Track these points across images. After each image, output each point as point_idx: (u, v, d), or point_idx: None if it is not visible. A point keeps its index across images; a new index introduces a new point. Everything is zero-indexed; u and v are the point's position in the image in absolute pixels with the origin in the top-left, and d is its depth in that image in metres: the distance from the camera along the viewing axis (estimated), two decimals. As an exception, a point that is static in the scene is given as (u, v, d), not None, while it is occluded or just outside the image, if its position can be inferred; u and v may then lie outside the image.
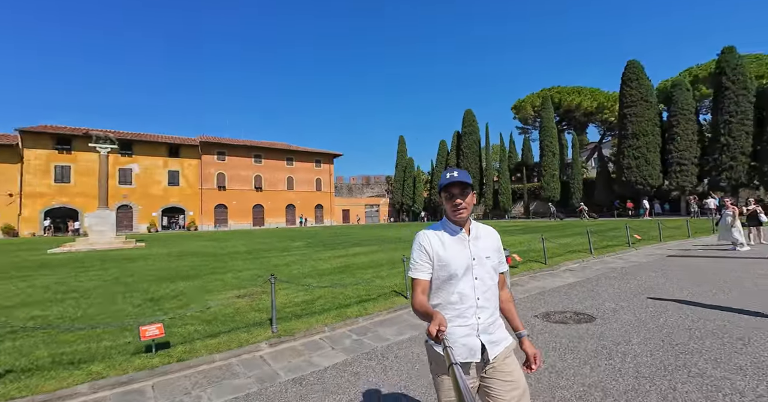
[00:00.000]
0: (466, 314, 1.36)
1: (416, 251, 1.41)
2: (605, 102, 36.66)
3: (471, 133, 40.45)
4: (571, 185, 32.77)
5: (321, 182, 49.58)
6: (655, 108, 27.06)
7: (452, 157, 41.84)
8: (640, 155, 26.37)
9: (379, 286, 6.32)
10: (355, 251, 12.13)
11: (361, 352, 3.78)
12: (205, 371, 3.47)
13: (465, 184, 1.35)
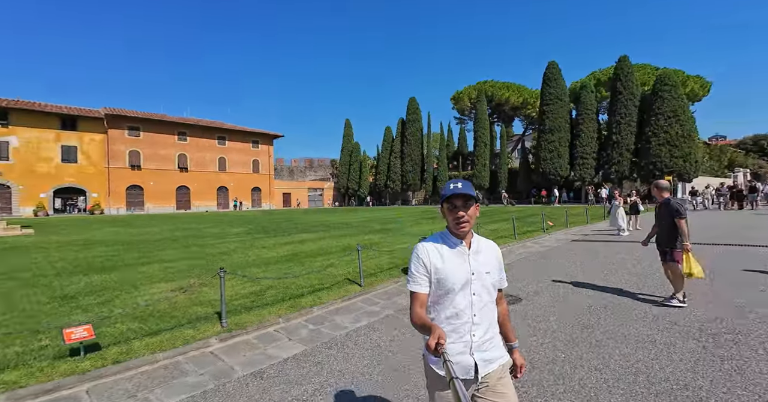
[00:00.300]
0: (461, 330, 1.32)
1: (414, 264, 1.36)
2: (529, 98, 40.28)
3: (414, 120, 41.52)
4: (498, 174, 35.90)
5: (259, 164, 46.70)
6: (567, 106, 30.56)
7: (397, 144, 42.63)
8: (554, 149, 29.76)
9: (332, 274, 6.35)
10: (302, 238, 11.87)
11: (320, 341, 3.83)
12: (148, 372, 3.21)
13: (468, 196, 1.29)
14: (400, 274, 6.29)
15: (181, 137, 40.28)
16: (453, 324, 1.32)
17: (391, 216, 22.05)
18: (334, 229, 14.46)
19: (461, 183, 1.33)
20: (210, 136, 42.60)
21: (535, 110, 35.63)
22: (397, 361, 3.22)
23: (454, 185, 1.32)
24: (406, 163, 41.49)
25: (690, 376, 2.68)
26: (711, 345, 3.21)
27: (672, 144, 24.81)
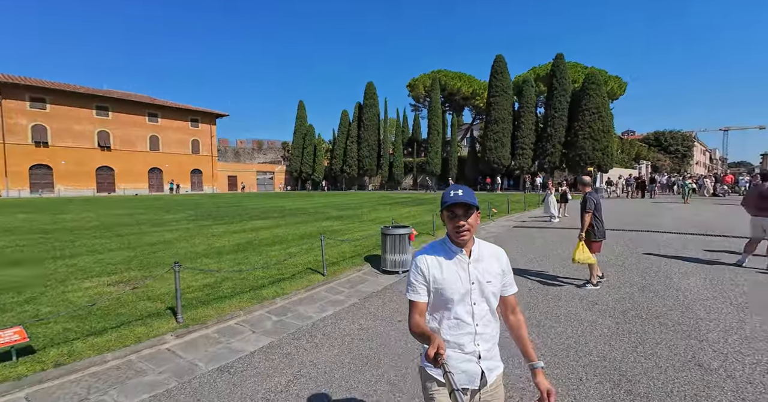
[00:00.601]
0: (464, 340, 1.30)
1: (413, 273, 1.35)
2: (478, 89, 41.91)
3: (372, 105, 41.12)
4: (449, 161, 37.35)
5: (199, 144, 42.98)
6: (511, 99, 32.43)
7: (353, 128, 42.03)
8: (498, 139, 31.67)
9: (293, 263, 6.23)
10: (255, 225, 11.34)
11: (287, 332, 3.80)
12: (98, 373, 2.95)
13: (470, 204, 1.25)
14: (363, 263, 6.40)
15: (101, 112, 35.40)
16: (455, 334, 1.30)
17: (348, 202, 21.95)
18: (289, 216, 14.02)
19: (462, 190, 1.27)
20: (139, 112, 38.03)
21: (483, 101, 37.24)
22: (367, 349, 3.34)
23: (455, 193, 1.27)
24: (363, 148, 41.20)
25: (607, 349, 3.16)
26: (621, 321, 3.79)
27: (594, 138, 27.71)
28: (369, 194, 33.10)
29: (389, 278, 5.63)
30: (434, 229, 9.22)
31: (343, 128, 43.25)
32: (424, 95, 43.17)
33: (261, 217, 13.83)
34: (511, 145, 32.04)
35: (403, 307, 4.40)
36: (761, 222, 5.60)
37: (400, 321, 3.96)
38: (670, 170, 40.15)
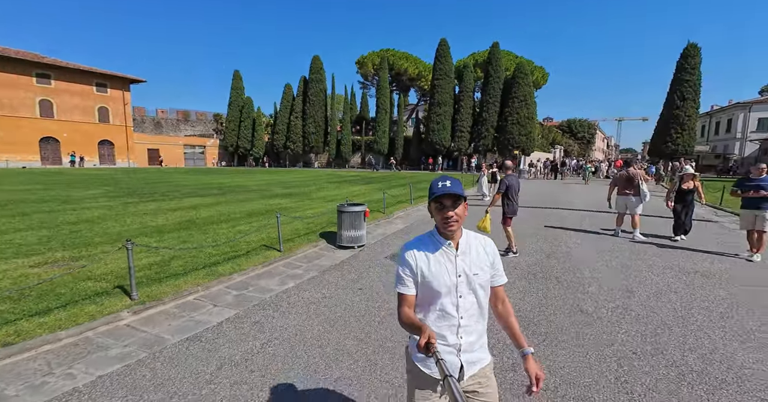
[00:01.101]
0: (447, 333, 1.31)
1: (401, 265, 1.35)
2: (423, 71, 42.47)
3: (318, 80, 39.35)
4: (395, 141, 38.00)
5: (108, 112, 37.19)
6: (453, 83, 33.83)
7: (298, 103, 39.96)
8: (440, 121, 33.09)
9: (245, 241, 6.17)
10: (193, 203, 10.62)
11: (251, 304, 3.94)
12: (54, 351, 2.86)
13: (458, 195, 1.24)
14: (318, 239, 6.60)
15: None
16: (440, 326, 1.31)
17: (294, 179, 21.32)
18: (230, 193, 13.30)
19: (450, 181, 1.27)
20: (23, 72, 31.45)
21: (428, 83, 38.09)
22: (333, 314, 3.68)
23: (443, 184, 1.26)
24: (309, 124, 39.63)
25: (521, 304, 3.89)
26: (532, 281, 4.61)
27: (521, 124, 30.51)
28: (316, 172, 32.40)
29: (346, 253, 5.96)
30: (385, 207, 9.68)
31: (286, 103, 40.93)
32: (373, 73, 42.56)
33: (197, 194, 12.92)
34: (451, 127, 33.64)
35: (362, 277, 4.80)
36: (624, 200, 7.04)
37: (361, 289, 4.35)
38: (577, 154, 46.15)
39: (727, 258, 5.57)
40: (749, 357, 2.76)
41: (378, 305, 3.85)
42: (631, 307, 3.70)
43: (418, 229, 7.89)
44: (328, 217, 8.31)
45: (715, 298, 3.94)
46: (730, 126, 35.33)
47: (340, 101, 43.50)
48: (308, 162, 43.47)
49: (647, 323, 3.35)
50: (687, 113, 26.73)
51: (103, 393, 2.37)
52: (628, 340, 3.03)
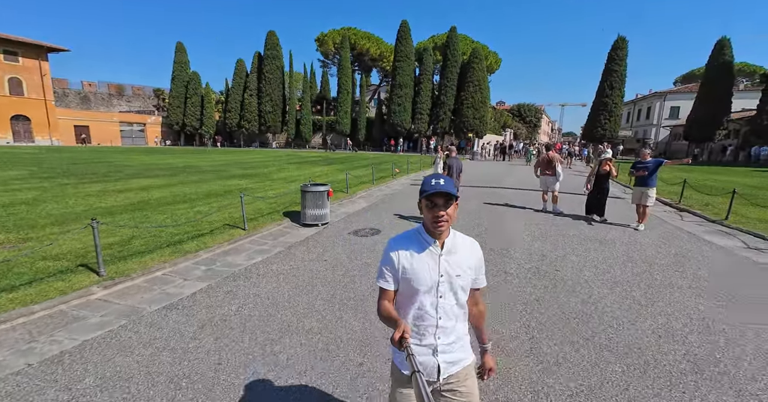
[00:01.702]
0: (425, 332, 1.31)
1: (383, 260, 1.34)
2: (385, 52, 42.16)
3: (274, 57, 37.31)
4: (358, 122, 37.77)
5: (23, 84, 32.56)
6: (413, 65, 34.11)
7: (252, 80, 37.72)
8: (402, 103, 33.46)
9: (207, 221, 6.24)
10: (142, 184, 10.11)
11: (221, 277, 4.18)
12: (30, 322, 2.98)
13: (450, 194, 1.23)
14: (282, 218, 6.83)
15: None
16: (418, 325, 1.31)
17: (252, 160, 20.59)
18: (182, 174, 12.74)
19: (443, 179, 1.25)
20: None
21: (390, 64, 37.91)
22: (301, 281, 4.08)
23: (436, 181, 1.24)
24: (265, 102, 37.75)
25: None
26: None
27: (475, 108, 31.87)
28: (274, 152, 31.34)
29: (310, 230, 6.30)
30: (348, 188, 10.03)
31: (239, 79, 38.48)
32: (334, 52, 41.26)
33: (145, 175, 12.22)
34: (412, 109, 34.14)
35: (327, 250, 5.21)
36: (545, 180, 8.05)
37: (326, 260, 4.77)
38: (525, 138, 49.33)
39: (621, 228, 6.68)
40: (612, 299, 3.65)
41: (342, 273, 4.32)
42: (542, 268, 4.53)
43: (380, 208, 8.40)
44: (291, 197, 8.50)
45: (603, 259, 4.90)
46: (649, 113, 39.92)
47: (299, 79, 41.75)
48: (265, 142, 41.77)
49: (551, 279, 4.17)
50: (614, 101, 29.77)
51: (92, 353, 2.61)
52: (534, 292, 3.80)
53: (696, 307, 3.43)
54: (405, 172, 16.38)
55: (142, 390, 2.23)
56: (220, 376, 2.38)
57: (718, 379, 2.38)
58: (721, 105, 26.10)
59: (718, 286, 3.95)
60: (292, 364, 2.52)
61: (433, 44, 37.98)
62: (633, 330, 3.00)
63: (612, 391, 2.27)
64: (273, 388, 2.28)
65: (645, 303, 3.51)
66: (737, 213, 7.21)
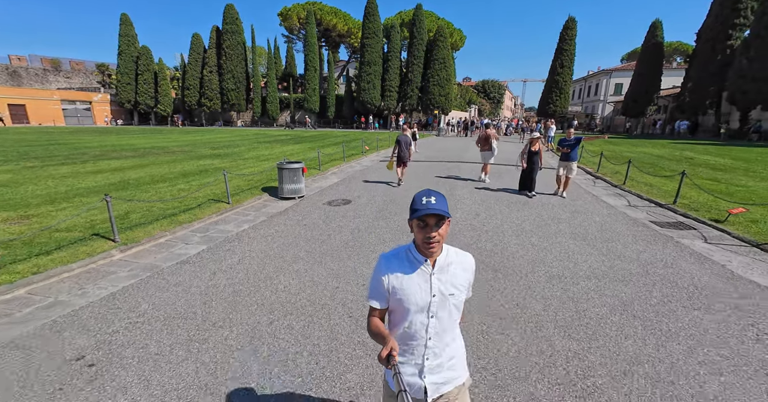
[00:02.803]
0: (414, 352, 1.27)
1: (374, 279, 1.30)
2: (353, 28, 41.41)
3: (234, 32, 35.48)
4: (327, 99, 37.46)
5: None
6: (381, 42, 34.06)
7: (212, 56, 35.77)
8: (371, 80, 33.64)
9: (192, 197, 6.91)
10: (113, 165, 10.31)
11: (218, 240, 5.06)
12: (73, 277, 3.76)
13: (443, 214, 1.14)
14: (261, 193, 7.61)
15: None
16: (407, 344, 1.27)
17: (219, 139, 20.35)
18: (151, 155, 12.82)
19: (435, 197, 1.17)
20: None
21: (358, 41, 37.39)
22: (286, 240, 5.05)
23: (427, 200, 1.16)
24: (227, 79, 36.20)
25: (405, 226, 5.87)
26: None
27: (441, 85, 32.83)
28: (242, 131, 30.69)
29: (288, 203, 7.18)
30: (320, 164, 10.83)
31: (196, 55, 36.35)
32: (299, 27, 39.70)
33: (110, 156, 12.22)
34: (381, 87, 34.40)
35: (305, 218, 6.16)
36: (483, 154, 9.28)
37: (305, 225, 5.75)
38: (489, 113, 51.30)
39: (548, 195, 7.98)
40: (515, 242, 5.00)
41: (320, 233, 5.34)
42: (474, 224, 5.79)
43: (351, 183, 9.35)
44: (267, 174, 9.21)
45: (520, 217, 6.25)
46: (597, 90, 42.97)
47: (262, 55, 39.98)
48: (229, 120, 40.39)
49: (479, 231, 5.43)
50: (564, 79, 31.95)
51: (136, 292, 3.50)
52: (464, 240, 5.02)
53: (568, 245, 4.85)
54: (374, 149, 17.26)
55: (186, 308, 3.19)
56: (238, 298, 3.38)
57: (558, 280, 3.74)
58: (653, 83, 28.97)
59: (591, 232, 5.44)
60: (287, 289, 3.56)
61: (400, 20, 37.75)
62: (520, 260, 4.33)
63: (493, 292, 3.55)
64: (276, 304, 3.32)
65: (536, 244, 4.88)
66: (633, 179, 8.97)
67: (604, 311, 3.13)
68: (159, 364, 2.44)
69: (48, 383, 2.25)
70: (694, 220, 5.92)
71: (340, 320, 2.99)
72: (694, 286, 3.60)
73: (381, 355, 1.07)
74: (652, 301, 3.31)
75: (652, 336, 2.77)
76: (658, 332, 2.81)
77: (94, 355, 2.52)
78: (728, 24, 22.86)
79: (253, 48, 37.76)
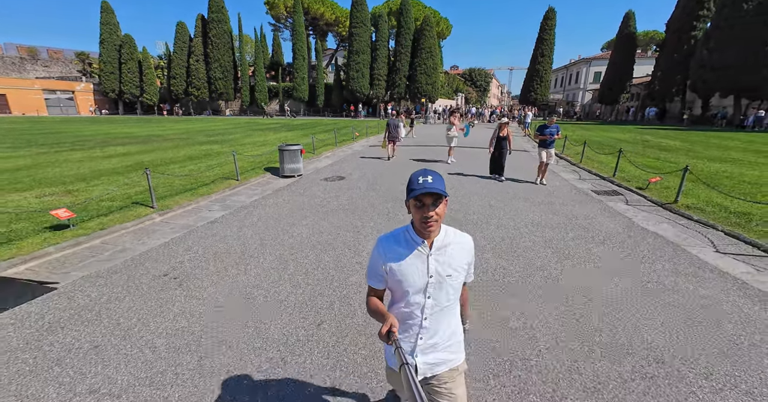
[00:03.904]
0: (409, 331, 1.28)
1: (372, 260, 1.30)
2: (341, 17, 41.46)
3: (220, 20, 35.32)
4: (316, 88, 37.85)
5: None
6: (369, 31, 34.50)
7: (197, 45, 35.60)
8: (360, 69, 34.20)
9: (204, 176, 7.92)
10: (120, 151, 11.13)
11: (235, 207, 6.12)
12: (130, 232, 4.82)
13: (439, 193, 1.12)
14: (264, 172, 8.63)
15: None
16: (404, 324, 1.28)
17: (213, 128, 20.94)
18: (152, 142, 13.58)
19: (431, 176, 1.15)
20: None
21: (346, 29, 37.59)
22: (292, 206, 6.16)
23: (424, 179, 1.14)
24: (214, 68, 36.15)
25: None
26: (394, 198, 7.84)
27: (427, 74, 33.72)
28: (233, 120, 31.09)
29: (289, 180, 8.24)
30: (314, 149, 11.84)
31: (181, 44, 36.10)
32: (286, 16, 39.50)
33: (114, 143, 12.93)
34: (369, 75, 35.01)
35: (306, 190, 7.25)
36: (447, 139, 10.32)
37: (306, 195, 6.85)
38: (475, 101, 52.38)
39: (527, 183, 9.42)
40: (477, 206, 6.26)
41: (320, 201, 6.46)
42: (449, 192, 7.04)
43: (344, 163, 10.42)
44: (266, 157, 10.19)
45: (488, 188, 7.55)
46: (577, 78, 44.53)
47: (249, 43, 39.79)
48: (217, 109, 40.37)
49: (452, 200, 6.69)
50: (544, 68, 33.27)
51: (183, 241, 4.58)
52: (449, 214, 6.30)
53: (519, 206, 6.12)
54: (363, 135, 18.26)
55: (227, 248, 4.30)
56: (264, 242, 4.49)
57: (504, 228, 5.00)
58: (626, 71, 30.57)
59: (540, 198, 6.72)
60: (300, 235, 4.69)
61: (388, 9, 38.05)
62: (479, 216, 5.57)
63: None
64: (294, 243, 4.45)
65: (494, 205, 6.13)
66: (591, 158, 10.34)
67: (530, 244, 4.40)
68: (221, 276, 3.58)
69: (152, 287, 3.37)
70: (625, 188, 7.28)
71: (342, 251, 4.17)
72: (600, 231, 4.91)
73: (381, 331, 1.08)
74: (566, 239, 4.59)
75: (555, 257, 4.04)
76: (561, 255, 4.09)
77: (173, 273, 3.64)
78: (693, 15, 24.34)
79: (240, 37, 37.62)
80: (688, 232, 4.86)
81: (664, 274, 3.62)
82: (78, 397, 2.04)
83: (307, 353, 2.43)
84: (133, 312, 2.93)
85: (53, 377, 2.20)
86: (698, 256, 4.06)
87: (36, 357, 2.38)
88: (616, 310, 2.96)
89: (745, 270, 3.74)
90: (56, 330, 2.68)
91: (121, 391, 2.10)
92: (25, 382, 2.15)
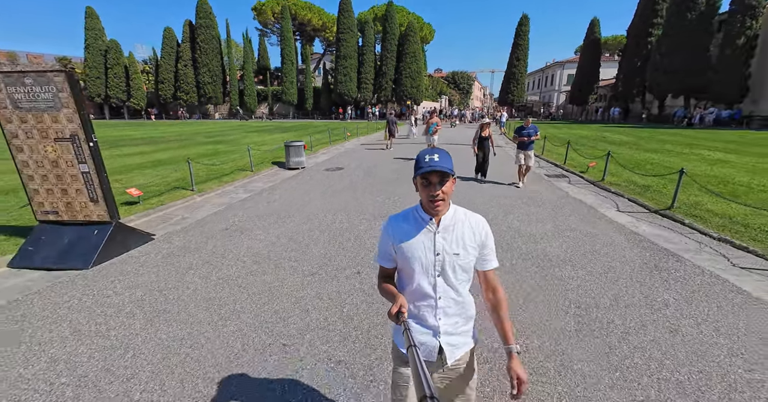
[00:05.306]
0: (425, 313, 1.25)
1: (381, 239, 1.30)
2: (328, 22, 42.87)
3: (208, 26, 36.21)
4: (305, 92, 39.13)
5: None
6: (356, 37, 36.09)
7: (185, 50, 36.35)
8: (347, 73, 35.75)
9: (220, 168, 9.29)
10: (133, 151, 12.33)
11: (256, 191, 7.54)
12: (179, 209, 6.18)
13: (446, 171, 1.12)
14: (272, 165, 10.04)
15: None
16: (417, 305, 1.26)
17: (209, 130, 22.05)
18: (159, 143, 14.70)
19: (438, 154, 1.14)
20: None
21: (333, 35, 39.04)
22: (303, 188, 7.62)
23: (430, 157, 1.13)
24: (203, 73, 36.95)
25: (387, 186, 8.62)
26: (386, 185, 9.43)
27: (412, 77, 35.55)
28: (226, 123, 32.04)
29: (294, 172, 9.66)
30: (311, 146, 13.29)
31: (169, 49, 36.78)
32: (273, 21, 40.61)
33: (124, 144, 13.99)
34: (357, 79, 36.56)
35: (311, 178, 8.72)
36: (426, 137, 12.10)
37: (314, 181, 8.31)
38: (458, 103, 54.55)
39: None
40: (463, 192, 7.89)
41: (325, 185, 7.93)
42: None
43: (340, 158, 11.90)
44: (270, 154, 11.58)
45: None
46: (553, 80, 47.32)
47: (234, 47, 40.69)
48: (206, 113, 41.03)
49: None
50: (520, 71, 35.64)
51: (226, 212, 5.99)
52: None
53: (481, 186, 7.76)
54: (356, 135, 19.78)
55: (263, 213, 5.74)
56: (290, 210, 5.95)
57: (466, 203, 6.61)
58: (593, 74, 33.21)
59: (499, 180, 8.40)
60: (316, 206, 6.16)
61: (373, 15, 39.63)
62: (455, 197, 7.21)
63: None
64: (313, 210, 5.92)
65: (480, 188, 7.76)
66: (551, 151, 12.19)
67: (485, 208, 6.02)
68: (267, 229, 5.04)
69: (222, 234, 4.80)
70: (570, 172, 9.06)
71: (350, 212, 5.69)
72: (541, 200, 6.58)
73: (391, 311, 1.07)
74: (514, 205, 6.24)
75: (502, 212, 5.67)
76: (506, 212, 5.72)
77: (232, 228, 5.08)
78: (648, 23, 26.95)
79: (228, 42, 38.54)
80: (604, 200, 6.59)
81: (574, 222, 5.29)
82: (213, 283, 3.51)
83: (338, 262, 3.95)
84: (218, 247, 4.37)
85: (190, 275, 3.65)
86: (603, 213, 5.76)
87: (177, 267, 3.82)
88: (534, 240, 4.59)
89: (629, 220, 5.44)
90: (176, 256, 4.11)
91: (236, 277, 3.58)
92: (178, 277, 3.60)
